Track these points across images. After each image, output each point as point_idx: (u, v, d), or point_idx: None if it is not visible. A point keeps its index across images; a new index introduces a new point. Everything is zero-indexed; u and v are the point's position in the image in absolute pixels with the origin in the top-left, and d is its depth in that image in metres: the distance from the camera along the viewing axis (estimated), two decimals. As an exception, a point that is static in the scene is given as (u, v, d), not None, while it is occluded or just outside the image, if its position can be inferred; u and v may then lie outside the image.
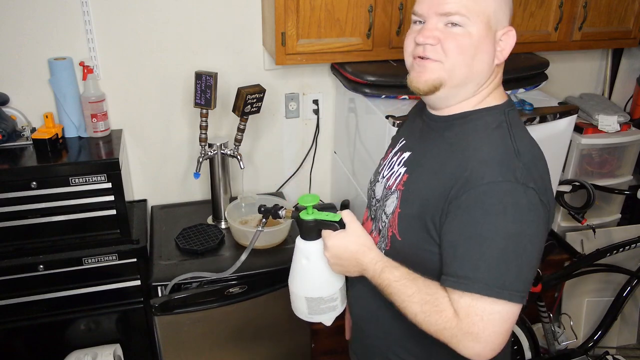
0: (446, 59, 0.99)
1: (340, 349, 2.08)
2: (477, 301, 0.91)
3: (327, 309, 1.18)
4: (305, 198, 1.12)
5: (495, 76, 1.05)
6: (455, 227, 0.96)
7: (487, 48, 0.99)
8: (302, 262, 1.15)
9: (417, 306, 0.97)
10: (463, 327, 0.92)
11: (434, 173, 1.03)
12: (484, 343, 0.91)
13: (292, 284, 1.19)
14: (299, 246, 1.15)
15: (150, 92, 1.99)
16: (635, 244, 2.13)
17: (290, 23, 1.70)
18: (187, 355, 1.78)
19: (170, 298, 1.67)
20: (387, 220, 1.10)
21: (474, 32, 0.97)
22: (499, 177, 0.93)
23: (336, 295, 1.18)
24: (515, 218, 0.92)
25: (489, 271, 0.92)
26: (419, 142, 1.13)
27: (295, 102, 2.16)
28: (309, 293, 1.16)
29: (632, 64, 2.53)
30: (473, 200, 0.93)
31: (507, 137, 0.99)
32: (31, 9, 1.76)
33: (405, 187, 1.07)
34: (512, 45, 1.02)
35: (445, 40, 0.98)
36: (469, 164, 0.96)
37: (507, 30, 1.01)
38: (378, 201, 1.18)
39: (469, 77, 1.00)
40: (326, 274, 1.15)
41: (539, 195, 0.94)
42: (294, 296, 1.20)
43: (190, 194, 2.19)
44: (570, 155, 2.26)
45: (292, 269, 1.19)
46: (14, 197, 1.63)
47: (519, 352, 2.13)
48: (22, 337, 1.79)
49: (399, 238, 1.07)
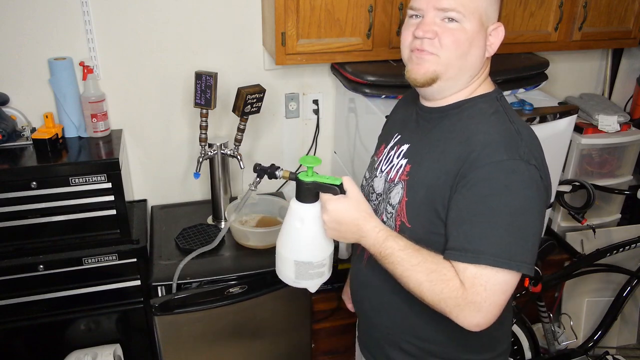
0: (442, 53, 1.04)
1: (341, 349, 2.08)
2: (483, 271, 0.96)
3: (315, 274, 1.16)
4: (307, 159, 1.10)
5: (485, 68, 1.12)
6: (462, 203, 1.00)
7: (480, 43, 1.06)
8: (296, 225, 1.12)
9: (423, 275, 0.99)
10: (468, 296, 0.96)
11: (436, 160, 1.07)
12: (484, 312, 0.96)
13: (282, 246, 1.16)
14: (293, 208, 1.12)
15: (150, 92, 1.99)
16: (635, 244, 2.13)
17: (290, 23, 1.70)
18: (187, 355, 1.78)
19: (170, 298, 1.67)
20: (393, 211, 1.13)
21: (469, 28, 1.03)
22: (504, 156, 0.98)
23: (325, 261, 1.16)
24: (520, 193, 0.97)
25: (497, 244, 0.96)
26: (416, 134, 1.16)
27: (295, 102, 2.16)
28: (299, 257, 1.14)
29: (632, 64, 2.52)
30: (480, 178, 0.98)
31: (505, 120, 1.06)
32: (31, 9, 1.76)
33: (410, 177, 1.11)
34: (501, 39, 1.09)
35: (442, 35, 1.03)
36: (473, 147, 1.01)
37: (497, 26, 1.08)
38: (379, 195, 1.20)
39: (463, 69, 1.07)
40: (319, 238, 1.13)
41: (540, 172, 1.00)
42: (282, 259, 1.17)
43: (190, 194, 2.19)
44: (570, 155, 2.25)
45: (282, 231, 1.16)
46: (14, 197, 1.63)
47: (519, 352, 2.13)
48: (22, 337, 1.79)
49: (408, 225, 1.09)
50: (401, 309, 1.15)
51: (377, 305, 1.22)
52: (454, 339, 1.14)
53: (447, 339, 1.15)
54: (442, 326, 1.04)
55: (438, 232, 1.05)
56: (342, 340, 2.06)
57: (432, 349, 1.17)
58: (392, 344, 1.22)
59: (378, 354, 1.28)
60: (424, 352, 1.18)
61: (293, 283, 1.18)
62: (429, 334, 1.16)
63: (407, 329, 1.18)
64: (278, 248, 1.18)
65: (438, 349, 1.17)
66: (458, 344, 1.15)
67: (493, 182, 0.98)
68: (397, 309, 1.17)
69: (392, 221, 1.13)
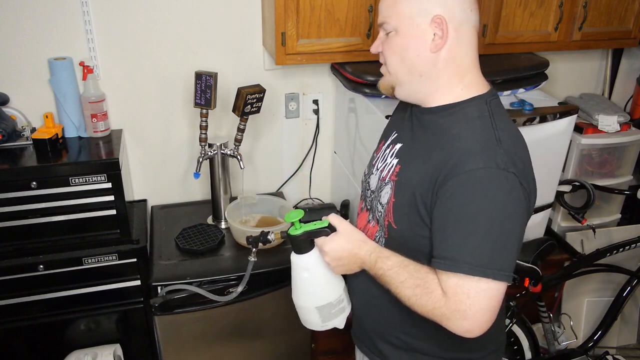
0: (388, 64, 1.11)
1: (341, 349, 2.08)
2: (464, 280, 0.97)
3: (338, 312, 1.22)
4: (290, 215, 1.16)
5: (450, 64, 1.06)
6: (442, 212, 1.02)
7: (416, 41, 1.05)
8: (304, 275, 1.18)
9: (410, 290, 1.04)
10: (451, 305, 0.98)
11: (422, 163, 1.08)
12: (471, 320, 0.97)
13: (299, 298, 1.22)
14: (295, 262, 1.18)
15: (150, 92, 1.99)
16: (635, 244, 2.13)
17: (290, 23, 1.70)
18: (187, 355, 1.78)
19: (170, 298, 1.67)
20: (382, 210, 1.15)
21: (400, 31, 1.06)
22: (480, 164, 0.99)
23: (342, 296, 1.22)
24: (497, 201, 0.98)
25: (473, 252, 0.98)
26: (408, 134, 1.18)
27: (295, 102, 2.16)
28: (318, 302, 1.19)
29: (632, 64, 2.52)
30: (457, 187, 0.99)
31: (488, 126, 1.05)
32: (31, 9, 1.76)
33: (399, 178, 1.13)
34: (449, 31, 1.02)
35: (384, 49, 1.11)
36: (453, 153, 1.02)
37: (434, 17, 1.02)
38: (373, 192, 1.22)
39: (410, 71, 1.08)
40: (328, 279, 1.18)
41: (519, 179, 1.00)
42: (304, 310, 1.22)
43: (190, 194, 2.19)
44: (570, 155, 2.25)
45: (294, 285, 1.22)
46: (14, 197, 1.63)
47: (519, 352, 2.13)
48: (22, 337, 1.79)
49: (394, 227, 1.12)
50: (391, 305, 1.17)
51: (368, 300, 1.25)
52: (439, 337, 1.15)
53: (432, 337, 1.17)
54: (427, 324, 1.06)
55: (422, 234, 1.07)
56: (342, 340, 2.06)
57: (419, 346, 1.19)
58: (381, 338, 1.25)
59: (370, 346, 1.31)
60: (411, 347, 1.21)
61: (321, 327, 1.24)
62: (415, 331, 1.18)
63: (396, 325, 1.21)
64: (296, 301, 1.23)
65: (425, 346, 1.19)
66: (444, 343, 1.17)
67: (470, 191, 0.98)
68: (386, 305, 1.19)
69: (382, 220, 1.15)
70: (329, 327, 1.23)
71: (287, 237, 1.16)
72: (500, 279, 0.97)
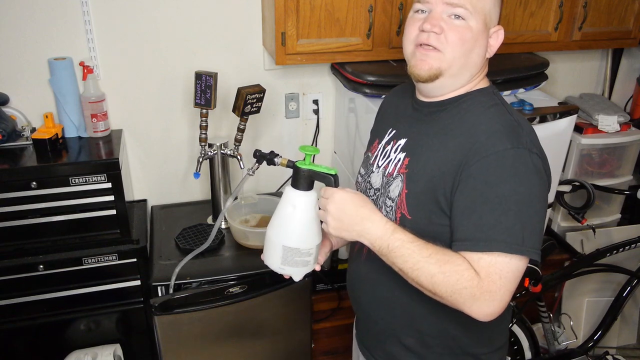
0: (447, 49, 1.05)
1: (341, 349, 2.09)
2: (497, 259, 0.97)
3: (301, 262, 1.16)
4: (306, 148, 1.13)
5: (485, 68, 1.14)
6: (468, 194, 1.01)
7: (483, 42, 1.08)
8: (287, 210, 1.14)
9: (436, 267, 0.98)
10: (484, 286, 0.96)
11: (435, 151, 1.08)
12: (498, 301, 0.96)
13: (272, 231, 1.18)
14: (287, 194, 1.15)
15: (150, 92, 1.99)
16: (635, 244, 2.13)
17: (290, 23, 1.70)
18: (187, 355, 1.78)
19: (170, 298, 1.67)
20: (393, 204, 1.13)
21: (474, 27, 1.05)
22: (507, 145, 1.00)
23: (312, 250, 1.17)
24: (526, 181, 0.99)
25: (507, 231, 0.97)
26: (413, 128, 1.17)
27: (295, 102, 2.16)
28: (288, 242, 1.14)
29: (632, 64, 2.53)
30: (485, 168, 0.99)
31: (504, 112, 1.08)
32: (31, 9, 1.76)
33: (409, 169, 1.12)
34: (500, 42, 1.11)
35: (448, 31, 1.04)
36: (477, 137, 1.03)
37: (498, 29, 1.10)
38: (378, 190, 1.20)
39: (465, 67, 1.08)
40: (309, 226, 1.14)
41: (542, 160, 1.03)
42: (270, 243, 1.18)
43: (190, 193, 2.19)
44: (570, 155, 2.26)
45: (275, 216, 1.18)
46: (14, 197, 1.63)
47: (519, 352, 2.13)
48: (22, 337, 1.79)
49: (409, 217, 1.10)
50: (400, 302, 1.16)
51: (377, 299, 1.23)
52: (454, 331, 1.15)
53: (446, 332, 1.16)
54: (442, 319, 1.05)
55: (439, 222, 1.06)
56: (342, 340, 2.06)
57: (432, 342, 1.18)
58: (391, 339, 1.22)
59: (377, 351, 1.28)
60: (423, 346, 1.18)
61: (278, 269, 1.19)
62: (428, 326, 1.16)
63: (406, 322, 1.18)
64: (268, 232, 1.19)
65: (438, 342, 1.17)
66: (457, 337, 1.16)
67: (499, 171, 0.99)
68: (396, 302, 1.17)
69: (392, 214, 1.13)
70: (284, 272, 1.18)
71: (292, 166, 1.15)
72: (533, 256, 0.98)
